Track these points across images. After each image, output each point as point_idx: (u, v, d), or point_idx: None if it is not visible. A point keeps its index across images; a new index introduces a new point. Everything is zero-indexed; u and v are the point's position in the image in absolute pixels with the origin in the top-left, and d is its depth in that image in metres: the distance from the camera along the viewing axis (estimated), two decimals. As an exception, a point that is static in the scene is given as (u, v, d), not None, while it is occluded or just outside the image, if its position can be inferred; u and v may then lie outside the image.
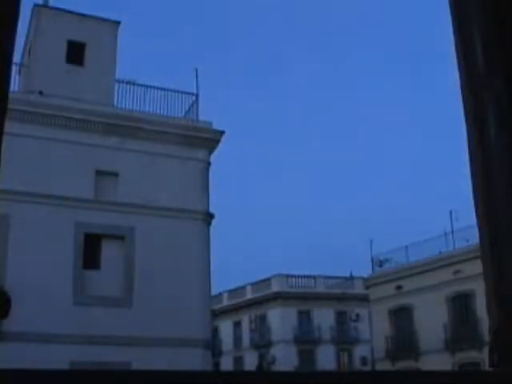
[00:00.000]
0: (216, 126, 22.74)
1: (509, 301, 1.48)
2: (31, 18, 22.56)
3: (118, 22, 23.44)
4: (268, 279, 51.82)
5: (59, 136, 20.17)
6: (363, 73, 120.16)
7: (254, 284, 53.58)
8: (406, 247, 38.82)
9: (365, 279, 44.27)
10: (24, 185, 19.02)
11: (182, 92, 23.06)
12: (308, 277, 52.03)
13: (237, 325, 53.61)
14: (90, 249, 19.86)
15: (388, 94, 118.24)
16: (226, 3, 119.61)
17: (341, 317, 50.86)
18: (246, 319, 52.81)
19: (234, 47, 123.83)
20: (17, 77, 21.68)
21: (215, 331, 45.13)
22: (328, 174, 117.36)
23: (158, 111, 22.33)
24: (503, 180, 1.55)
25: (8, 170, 16.30)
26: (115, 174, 20.84)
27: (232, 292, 55.48)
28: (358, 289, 49.76)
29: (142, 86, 22.59)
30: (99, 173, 20.60)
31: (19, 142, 18.48)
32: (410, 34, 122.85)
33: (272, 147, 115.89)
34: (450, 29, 1.82)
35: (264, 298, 50.81)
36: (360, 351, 49.33)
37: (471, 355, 33.57)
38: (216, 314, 45.92)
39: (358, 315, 49.78)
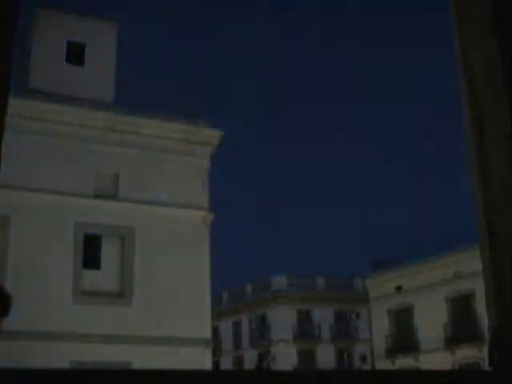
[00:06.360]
0: (216, 125, 22.74)
1: (508, 301, 1.48)
2: (31, 18, 22.55)
3: (118, 22, 23.45)
4: (268, 279, 51.82)
5: (59, 136, 20.16)
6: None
7: (254, 284, 53.58)
8: (406, 247, 38.86)
9: (365, 279, 44.30)
10: (24, 184, 19.03)
11: (182, 92, 23.04)
12: (308, 276, 52.02)
13: (237, 324, 53.60)
14: (90, 248, 19.87)
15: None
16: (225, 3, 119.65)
17: (340, 316, 50.86)
18: (245, 319, 52.80)
19: (233, 46, 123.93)
20: (17, 77, 21.68)
21: (215, 330, 45.13)
22: (328, 173, 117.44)
23: (158, 111, 22.31)
24: (503, 180, 1.55)
25: (8, 169, 16.32)
26: (115, 174, 20.85)
27: (232, 292, 55.46)
28: (358, 289, 49.76)
29: (141, 85, 22.57)
30: (99, 173, 20.61)
31: (19, 142, 18.48)
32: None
33: (273, 146, 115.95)
34: (452, 30, 1.83)
35: (264, 298, 50.80)
36: (360, 350, 49.35)
37: (471, 354, 33.61)
38: (216, 314, 45.92)
39: (357, 314, 49.81)
